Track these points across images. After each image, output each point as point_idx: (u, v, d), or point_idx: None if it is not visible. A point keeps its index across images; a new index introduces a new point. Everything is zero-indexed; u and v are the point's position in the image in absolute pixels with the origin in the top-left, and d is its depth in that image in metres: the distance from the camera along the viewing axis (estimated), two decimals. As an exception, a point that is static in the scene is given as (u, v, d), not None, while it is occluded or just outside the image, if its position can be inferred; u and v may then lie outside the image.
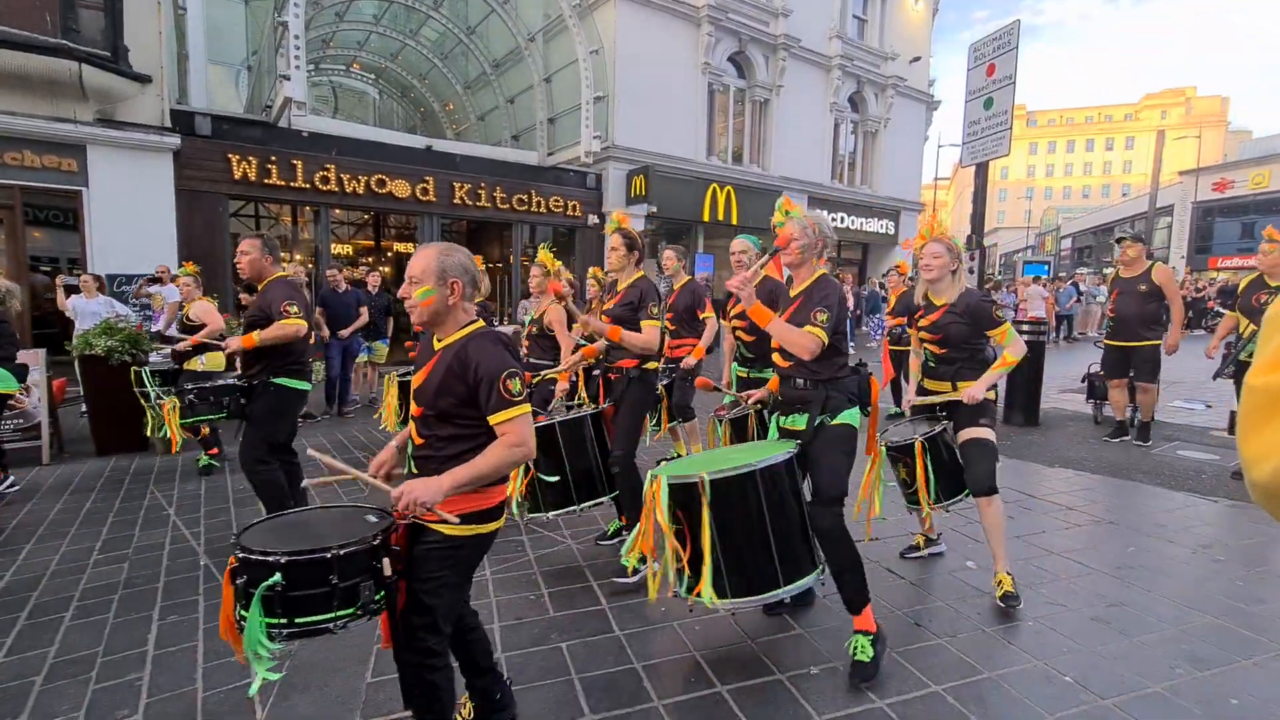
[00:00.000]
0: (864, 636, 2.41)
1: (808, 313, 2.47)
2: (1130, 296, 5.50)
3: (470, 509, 1.79)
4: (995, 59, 5.92)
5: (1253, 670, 2.46)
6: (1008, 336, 2.97)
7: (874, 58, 17.54)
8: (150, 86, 8.43)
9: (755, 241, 3.79)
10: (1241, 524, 4.00)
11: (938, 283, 3.09)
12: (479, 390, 1.76)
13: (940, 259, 3.04)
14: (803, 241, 2.54)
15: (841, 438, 2.50)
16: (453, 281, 1.83)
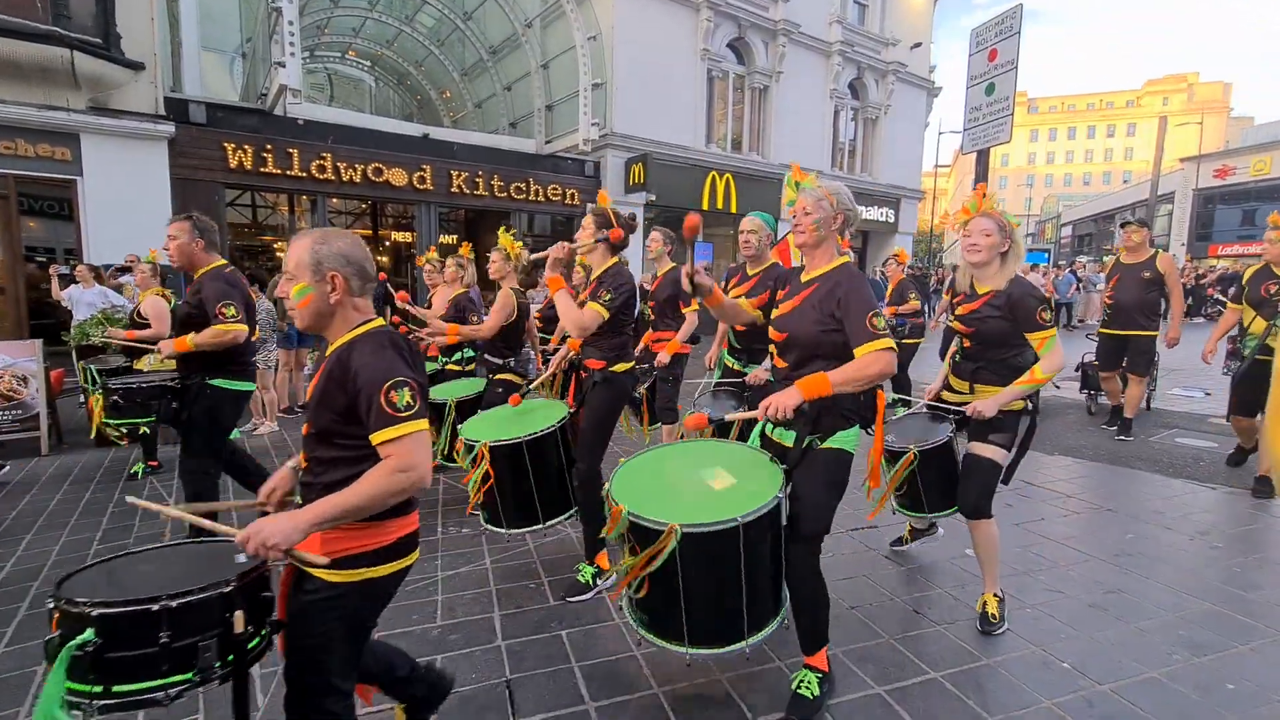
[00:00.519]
0: (813, 673, 2.17)
1: (824, 307, 2.08)
2: (1131, 283, 5.35)
3: (353, 549, 1.52)
4: (997, 44, 5.86)
5: (1249, 656, 2.47)
6: (1047, 345, 2.51)
7: (874, 43, 17.39)
8: (143, 74, 8.34)
9: (769, 219, 3.55)
10: (1239, 511, 4.01)
11: (985, 266, 2.62)
12: (358, 403, 1.49)
13: (991, 238, 2.56)
14: (817, 215, 2.14)
15: (831, 465, 2.13)
16: (331, 275, 1.56)
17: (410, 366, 1.55)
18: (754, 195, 15.18)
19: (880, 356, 1.96)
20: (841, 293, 2.07)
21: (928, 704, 2.20)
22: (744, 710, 2.17)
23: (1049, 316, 2.54)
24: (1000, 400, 2.53)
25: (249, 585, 1.46)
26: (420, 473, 1.48)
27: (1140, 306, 5.36)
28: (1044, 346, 2.52)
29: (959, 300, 2.76)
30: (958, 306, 2.76)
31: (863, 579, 3.11)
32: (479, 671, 2.39)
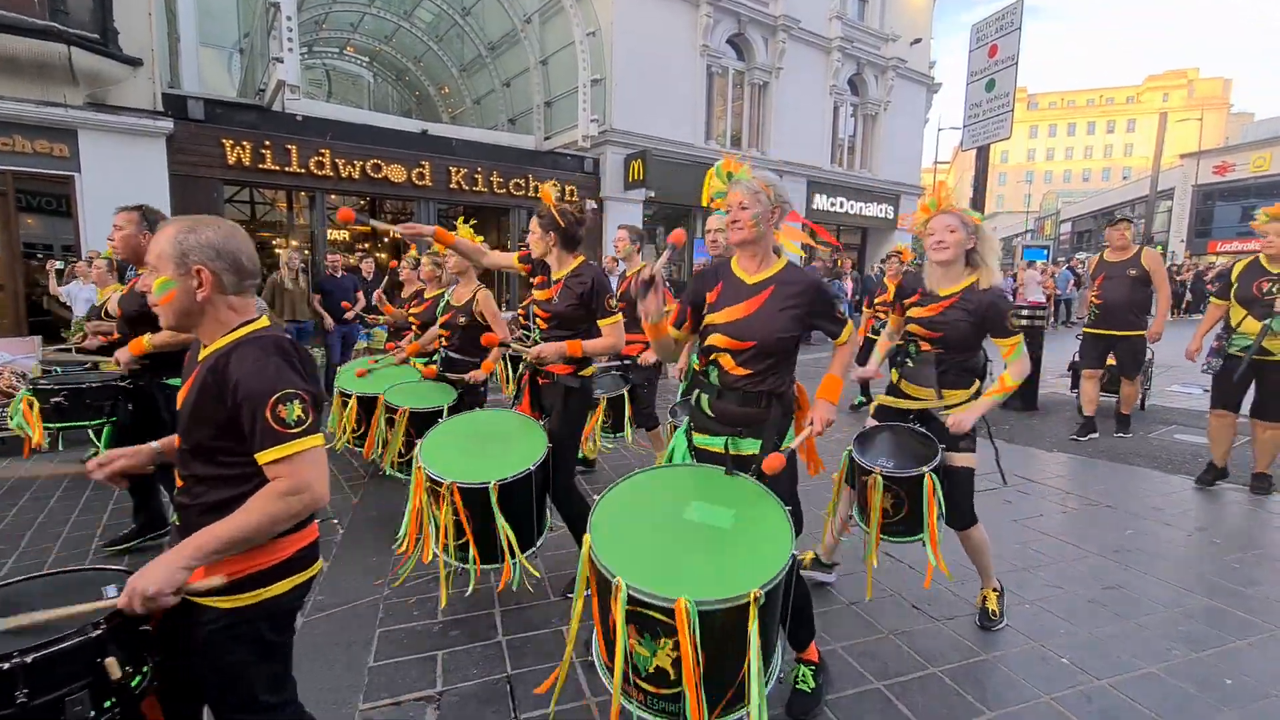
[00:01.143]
0: (808, 667, 2.19)
1: (790, 312, 2.01)
2: (1118, 281, 5.24)
3: (244, 570, 1.36)
4: (998, 40, 5.85)
5: (1247, 651, 2.49)
6: (1015, 352, 2.46)
7: (874, 39, 17.34)
8: (141, 70, 8.30)
9: None
10: (1238, 507, 4.02)
11: (951, 265, 2.50)
12: (240, 417, 1.32)
13: (956, 234, 2.46)
14: (755, 210, 2.01)
15: (792, 465, 2.09)
16: (197, 268, 1.37)
17: (302, 376, 1.39)
18: (753, 192, 15.17)
19: (854, 341, 2.14)
20: (814, 300, 2.05)
21: (927, 699, 2.21)
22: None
23: (1017, 322, 2.50)
24: (980, 412, 2.44)
25: (120, 626, 1.26)
26: (314, 494, 1.35)
27: (1129, 305, 5.25)
28: (1013, 353, 2.47)
29: (913, 302, 2.63)
30: (913, 306, 2.62)
31: (862, 576, 3.11)
32: (480, 667, 2.40)
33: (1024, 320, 6.91)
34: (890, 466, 2.45)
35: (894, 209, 18.79)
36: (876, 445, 2.63)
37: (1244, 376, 4.07)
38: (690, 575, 1.60)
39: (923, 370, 2.62)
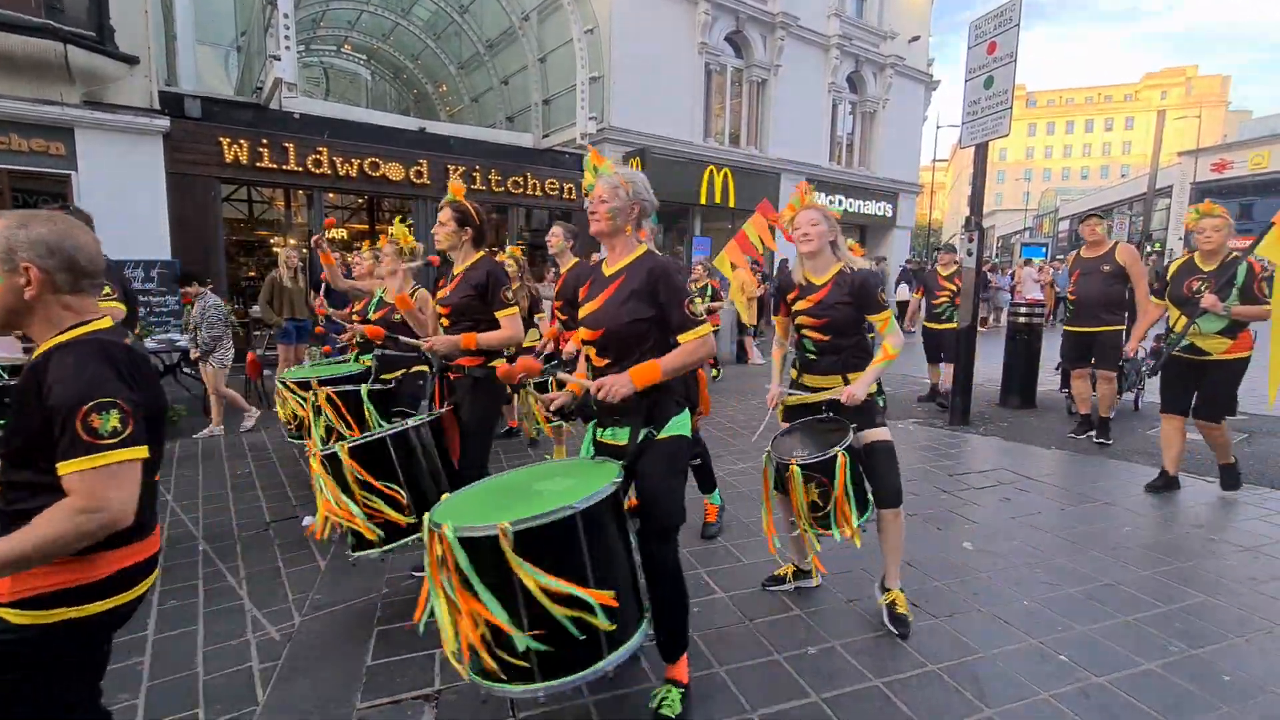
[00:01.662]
0: (675, 688, 2.08)
1: (637, 299, 2.05)
2: (1093, 277, 5.19)
3: (42, 588, 1.25)
4: (996, 36, 5.83)
5: (1245, 647, 2.49)
6: (889, 325, 2.65)
7: (873, 37, 17.33)
8: (138, 68, 8.28)
9: None
10: (1236, 504, 4.03)
11: (818, 256, 2.67)
12: (53, 423, 1.23)
13: (819, 226, 2.63)
14: (612, 204, 2.09)
15: (672, 454, 2.08)
16: (25, 265, 1.29)
17: (128, 384, 1.29)
18: (752, 189, 15.16)
19: (705, 341, 2.05)
20: (657, 283, 2.06)
21: (925, 696, 2.20)
22: (742, 702, 2.18)
23: (883, 298, 2.64)
24: (868, 381, 2.55)
25: None
26: (111, 515, 1.22)
27: (1103, 302, 5.17)
28: (887, 326, 2.65)
29: (794, 296, 2.75)
30: (796, 301, 2.74)
31: (860, 573, 3.12)
32: (478, 666, 2.39)
33: (1023, 317, 6.91)
34: (804, 455, 2.49)
35: (892, 207, 18.80)
36: (790, 441, 2.71)
37: (1179, 375, 4.05)
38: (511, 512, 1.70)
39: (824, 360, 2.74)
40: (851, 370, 2.66)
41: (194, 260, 8.94)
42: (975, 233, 6.16)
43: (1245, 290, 3.78)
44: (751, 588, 2.97)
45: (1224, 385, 3.97)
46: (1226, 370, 3.92)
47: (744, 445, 5.34)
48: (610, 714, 2.15)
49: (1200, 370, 3.97)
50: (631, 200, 2.11)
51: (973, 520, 3.79)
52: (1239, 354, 3.87)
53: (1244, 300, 3.78)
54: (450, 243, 2.94)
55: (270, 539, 3.59)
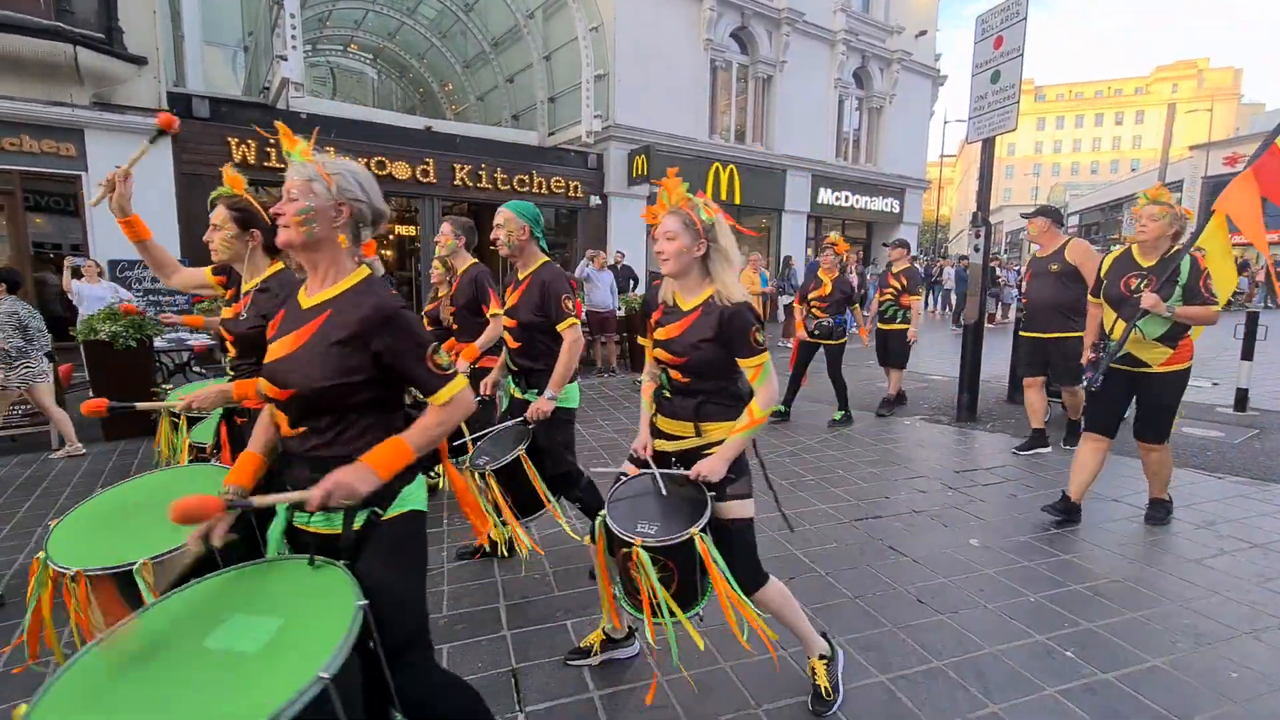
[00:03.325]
0: None
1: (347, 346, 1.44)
2: (1043, 279, 4.75)
3: None
4: (1003, 30, 5.80)
5: (1253, 643, 2.48)
6: (761, 375, 1.98)
7: (879, 32, 17.24)
8: (146, 69, 8.35)
9: (527, 209, 2.87)
10: (1245, 501, 4.00)
11: (684, 277, 2.03)
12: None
13: (675, 241, 1.96)
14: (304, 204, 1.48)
15: (408, 540, 1.51)
16: None
17: None
18: (757, 186, 15.14)
19: (461, 399, 1.50)
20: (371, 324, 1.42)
21: (931, 692, 2.21)
22: (747, 697, 2.19)
23: (763, 339, 1.98)
24: (727, 458, 1.97)
25: None
26: None
27: (1056, 306, 4.66)
28: (758, 377, 1.98)
29: (656, 320, 2.13)
30: (657, 328, 2.12)
31: (866, 568, 3.12)
32: (484, 661, 2.41)
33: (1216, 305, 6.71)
34: (653, 533, 1.90)
35: (899, 203, 18.72)
36: (636, 504, 2.06)
37: (1112, 390, 3.52)
38: None
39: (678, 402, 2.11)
40: (706, 420, 2.06)
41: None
42: (982, 229, 6.12)
43: (1190, 288, 3.25)
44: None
45: (1164, 402, 3.45)
46: (1166, 385, 3.42)
47: (750, 442, 5.34)
48: (617, 710, 2.16)
49: (1137, 384, 3.48)
50: (335, 200, 1.50)
51: (979, 517, 3.78)
52: (1179, 365, 3.39)
53: (1188, 300, 3.25)
54: (229, 252, 2.27)
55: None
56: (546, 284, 2.82)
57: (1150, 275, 3.34)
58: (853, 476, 4.51)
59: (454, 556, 3.28)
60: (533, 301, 2.83)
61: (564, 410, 2.86)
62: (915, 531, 3.57)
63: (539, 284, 2.83)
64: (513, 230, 2.84)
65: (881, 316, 6.45)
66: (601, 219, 13.10)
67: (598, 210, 13.08)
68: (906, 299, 6.21)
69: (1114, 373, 3.47)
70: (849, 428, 5.85)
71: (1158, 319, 3.27)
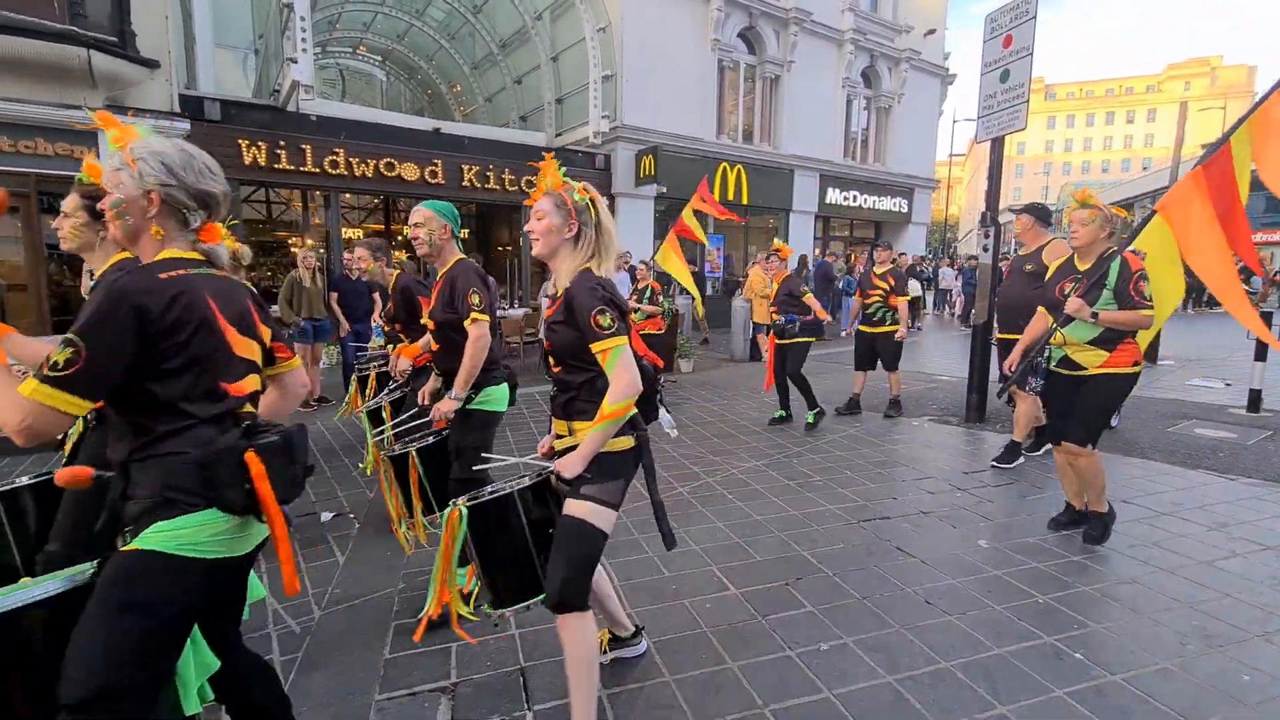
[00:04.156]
0: None
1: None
2: (1016, 278, 4.64)
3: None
4: (1013, 29, 5.76)
5: (1265, 645, 2.46)
6: (609, 360, 1.78)
7: (888, 31, 17.17)
8: (159, 72, 8.43)
9: (446, 209, 2.84)
10: (1258, 503, 3.96)
11: (552, 258, 1.97)
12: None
13: (544, 220, 1.92)
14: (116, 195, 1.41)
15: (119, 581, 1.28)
16: None
17: None
18: (765, 186, 15.11)
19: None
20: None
21: (938, 693, 2.20)
22: (754, 697, 2.19)
23: (608, 321, 1.77)
24: (585, 455, 1.81)
25: None
26: None
27: (1024, 306, 4.35)
28: (606, 361, 1.78)
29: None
30: None
31: (874, 570, 3.11)
32: (494, 660, 2.43)
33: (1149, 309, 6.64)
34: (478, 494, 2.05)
35: (908, 203, 18.65)
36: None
37: (1058, 396, 3.41)
38: None
39: None
40: (575, 418, 1.92)
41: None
42: (991, 229, 6.09)
43: (1120, 292, 3.10)
44: (763, 584, 2.98)
45: (1095, 404, 3.26)
46: (1101, 388, 3.24)
47: (756, 443, 5.34)
48: (625, 709, 2.17)
49: (1078, 388, 3.32)
50: (142, 189, 1.38)
51: (988, 518, 3.77)
52: (1117, 369, 3.19)
53: (1119, 303, 3.10)
54: (78, 241, 2.12)
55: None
56: (455, 279, 2.78)
57: (1084, 278, 3.23)
58: (860, 477, 4.50)
59: None
60: (444, 299, 2.81)
61: (481, 412, 2.81)
62: (923, 532, 3.56)
63: (449, 281, 2.80)
64: (434, 229, 2.81)
65: (869, 319, 6.24)
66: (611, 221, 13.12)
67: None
68: (895, 300, 6.06)
69: (1057, 378, 3.40)
70: (856, 427, 5.84)
71: (1084, 323, 3.17)
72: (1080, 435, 3.27)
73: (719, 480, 4.45)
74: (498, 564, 2.05)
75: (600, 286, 1.84)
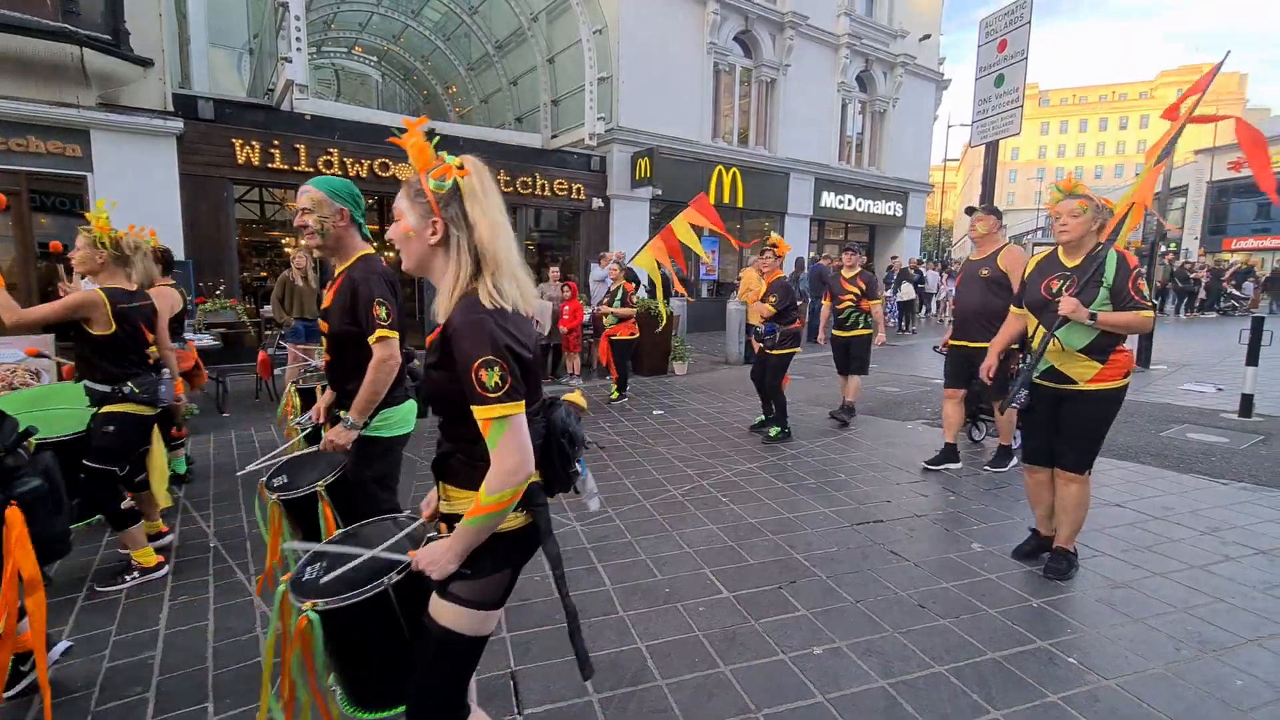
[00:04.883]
0: None
1: None
2: (971, 284, 4.48)
3: None
4: (1007, 34, 5.80)
5: (1258, 651, 2.46)
6: (493, 432, 1.26)
7: (883, 35, 17.24)
8: (152, 70, 8.38)
9: (340, 187, 2.31)
10: (1251, 507, 3.97)
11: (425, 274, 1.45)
12: None
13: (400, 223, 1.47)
14: None
15: None
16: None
17: None
18: (761, 189, 15.13)
19: None
20: None
21: (932, 697, 2.19)
22: (747, 701, 2.18)
23: (496, 380, 1.24)
24: (458, 551, 1.32)
25: None
26: None
27: (978, 313, 4.36)
28: (488, 433, 1.26)
29: None
30: None
31: (868, 573, 3.10)
32: (483, 663, 2.39)
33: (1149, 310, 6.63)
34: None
35: (903, 207, 18.71)
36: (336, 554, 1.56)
37: (1041, 412, 3.07)
38: None
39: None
40: (449, 479, 1.45)
41: (207, 261, 9.06)
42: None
43: (1117, 291, 2.78)
44: (756, 587, 2.97)
45: (1089, 424, 2.93)
46: (1093, 405, 2.90)
47: (749, 446, 5.33)
48: (617, 712, 2.15)
49: (1063, 403, 2.99)
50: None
51: (982, 521, 3.76)
52: (1109, 383, 2.88)
53: (1116, 304, 2.79)
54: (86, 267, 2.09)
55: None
56: (356, 284, 2.23)
57: (1073, 276, 2.89)
58: (854, 480, 4.50)
59: None
60: (342, 305, 2.25)
61: (380, 439, 2.33)
62: (917, 536, 3.56)
63: (350, 285, 2.24)
64: (326, 214, 2.24)
65: (842, 324, 6.06)
66: (604, 221, 13.11)
67: (600, 212, 13.09)
68: (867, 303, 5.87)
69: (1044, 392, 3.02)
70: (849, 430, 5.84)
71: (1079, 327, 2.84)
72: (1075, 461, 2.94)
73: (712, 483, 4.44)
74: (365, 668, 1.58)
75: (494, 325, 1.28)
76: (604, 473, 4.70)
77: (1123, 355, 2.89)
